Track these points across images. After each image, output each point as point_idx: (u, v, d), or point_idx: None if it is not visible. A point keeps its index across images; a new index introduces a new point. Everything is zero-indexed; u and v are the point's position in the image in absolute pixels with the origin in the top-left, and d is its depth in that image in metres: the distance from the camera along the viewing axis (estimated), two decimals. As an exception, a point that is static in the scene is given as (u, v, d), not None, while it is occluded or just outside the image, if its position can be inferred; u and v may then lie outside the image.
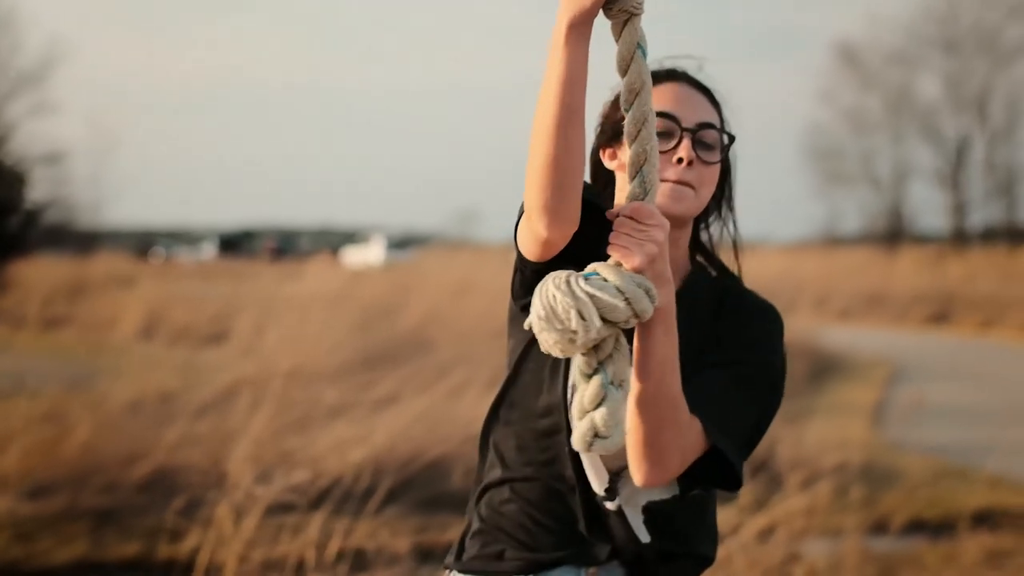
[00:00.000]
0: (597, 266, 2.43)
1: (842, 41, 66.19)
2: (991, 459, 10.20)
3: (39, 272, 31.51)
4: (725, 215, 2.95)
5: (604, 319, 2.37)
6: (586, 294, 2.36)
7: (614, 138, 2.81)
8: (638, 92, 2.47)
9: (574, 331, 2.37)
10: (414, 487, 8.46)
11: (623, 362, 2.45)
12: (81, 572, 7.41)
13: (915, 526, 8.69)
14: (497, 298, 18.14)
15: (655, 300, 2.43)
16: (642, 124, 2.47)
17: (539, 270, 2.55)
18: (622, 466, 2.68)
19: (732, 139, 2.83)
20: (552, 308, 2.38)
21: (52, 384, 11.80)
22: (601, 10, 2.41)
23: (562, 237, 2.48)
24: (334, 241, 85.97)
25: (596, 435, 2.42)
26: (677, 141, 2.73)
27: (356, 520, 7.69)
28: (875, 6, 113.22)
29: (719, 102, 2.85)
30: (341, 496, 7.86)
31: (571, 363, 2.56)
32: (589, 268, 2.43)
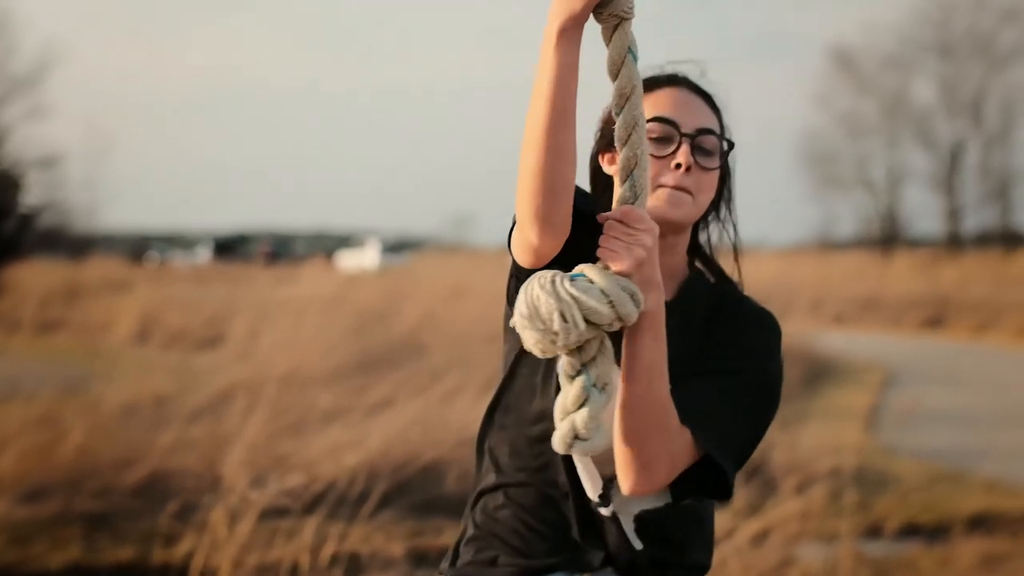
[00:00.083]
0: (584, 268, 2.42)
1: (837, 45, 66.30)
2: (986, 463, 10.22)
3: (34, 276, 31.50)
4: (725, 220, 2.93)
5: (587, 321, 2.37)
6: (570, 296, 2.35)
7: (614, 143, 2.77)
8: (628, 96, 2.46)
9: (555, 332, 2.36)
10: (409, 491, 8.46)
11: (607, 365, 2.44)
12: (75, 576, 7.41)
13: (909, 530, 8.69)
14: (492, 302, 18.15)
15: (640, 305, 2.42)
16: (632, 128, 2.46)
17: None
18: (616, 472, 2.67)
19: (731, 145, 2.82)
20: (535, 308, 2.37)
21: (47, 388, 11.77)
22: (592, 14, 2.41)
23: (554, 245, 2.47)
24: (329, 245, 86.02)
25: (576, 437, 2.41)
26: (676, 146, 2.72)
27: (351, 524, 7.69)
28: (870, 10, 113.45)
29: (720, 108, 2.84)
30: (336, 500, 7.86)
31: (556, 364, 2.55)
32: (576, 269, 2.42)
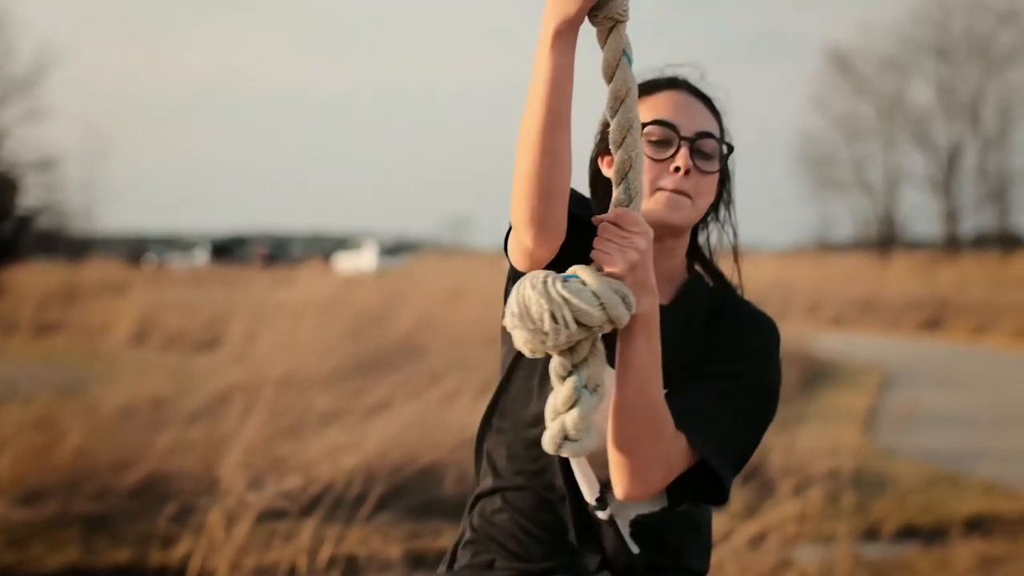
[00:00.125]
0: (577, 269, 2.43)
1: (834, 47, 66.34)
2: (983, 465, 10.23)
3: (32, 278, 31.48)
4: (724, 223, 2.92)
5: (578, 323, 2.37)
6: (561, 296, 2.36)
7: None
8: (623, 99, 2.47)
9: (545, 332, 2.37)
10: (406, 493, 8.45)
11: (599, 367, 2.45)
12: (73, 578, 7.41)
13: (907, 532, 8.69)
14: (489, 304, 18.17)
15: (632, 307, 2.42)
16: (627, 131, 2.47)
17: None
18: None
19: (731, 149, 2.81)
20: (526, 307, 2.38)
21: (44, 390, 11.78)
22: (587, 17, 2.41)
23: (549, 249, 2.47)
24: (326, 247, 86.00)
25: (566, 438, 2.42)
26: (675, 150, 2.71)
27: (348, 526, 7.69)
28: (867, 13, 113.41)
29: (720, 111, 2.83)
30: (333, 502, 7.86)
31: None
32: (570, 270, 2.43)
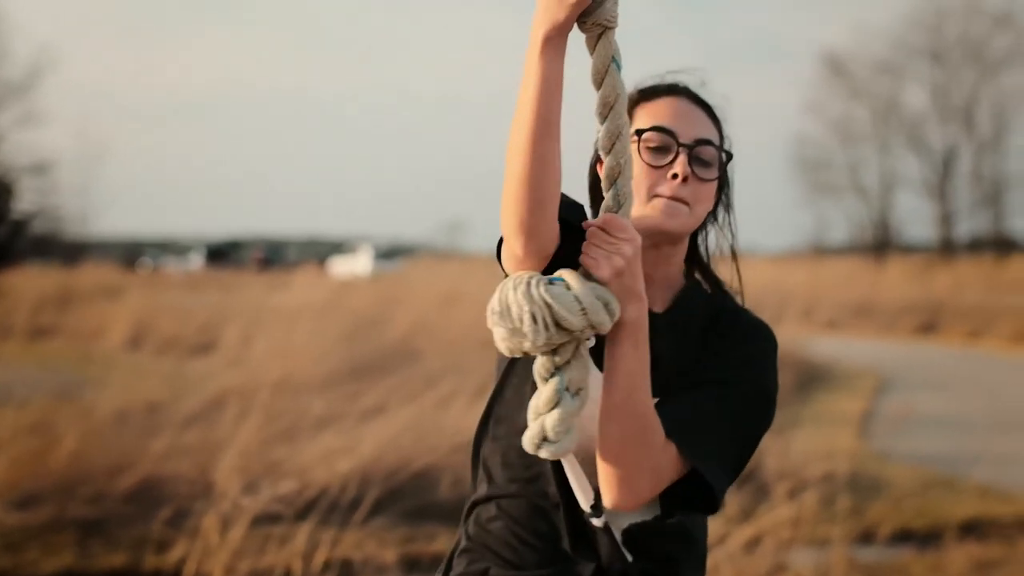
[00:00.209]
0: (564, 272, 2.42)
1: (829, 51, 66.52)
2: (978, 469, 10.25)
3: (27, 282, 31.48)
4: (724, 228, 2.90)
5: (558, 326, 2.37)
6: (543, 299, 2.36)
7: None
8: (612, 105, 2.46)
9: (524, 333, 2.37)
10: (401, 497, 8.46)
11: (582, 371, 2.45)
12: (68, 582, 7.41)
13: (902, 536, 8.69)
14: (485, 308, 18.04)
15: (615, 314, 2.42)
16: (616, 137, 2.46)
17: None
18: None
19: (730, 156, 2.80)
20: (507, 306, 2.38)
21: (39, 394, 11.79)
22: (576, 23, 2.40)
23: (540, 257, 2.46)
24: (322, 251, 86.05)
25: (545, 439, 2.43)
26: (673, 156, 2.70)
27: (343, 530, 7.69)
28: (862, 17, 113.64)
29: (720, 119, 2.82)
30: (328, 506, 7.87)
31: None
32: (556, 273, 2.42)
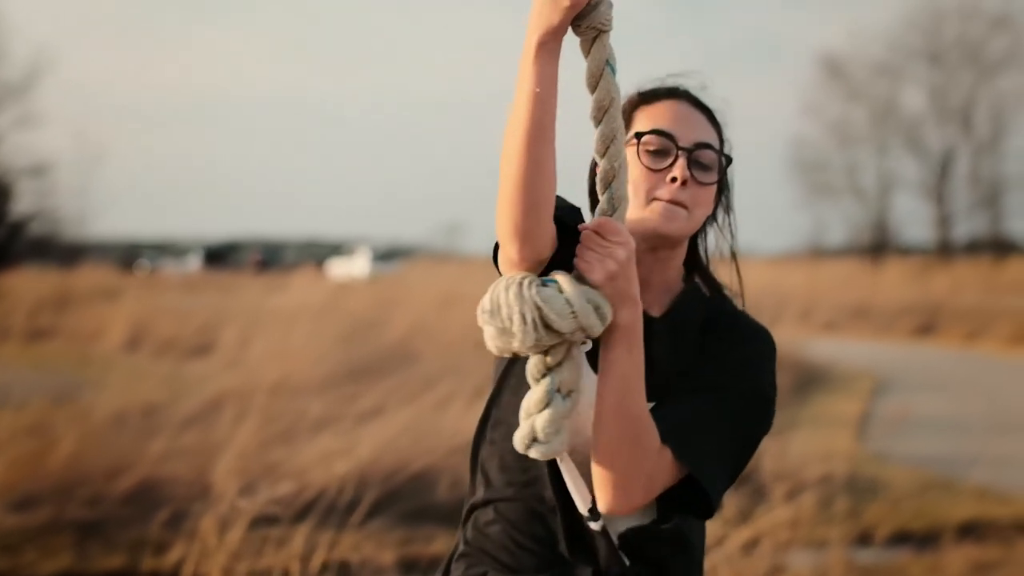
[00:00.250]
0: (557, 275, 2.43)
1: (827, 53, 66.47)
2: (976, 471, 10.24)
3: (24, 284, 31.47)
4: (724, 230, 2.90)
5: (548, 328, 2.38)
6: (534, 300, 2.37)
7: None
8: (607, 108, 2.47)
9: (513, 332, 2.38)
10: (399, 499, 8.45)
11: (573, 373, 2.46)
12: (66, 584, 7.41)
13: (900, 538, 8.69)
14: (483, 310, 18.11)
15: (606, 319, 2.42)
16: (611, 141, 2.47)
17: None
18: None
19: (729, 160, 2.79)
20: (498, 305, 2.39)
21: (37, 396, 11.77)
22: (570, 27, 2.41)
23: (535, 261, 2.46)
24: (319, 253, 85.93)
25: (535, 439, 2.45)
26: (673, 160, 2.69)
27: (341, 532, 7.69)
28: (860, 18, 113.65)
29: (720, 123, 2.81)
30: (326, 508, 7.86)
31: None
32: (551, 275, 2.43)
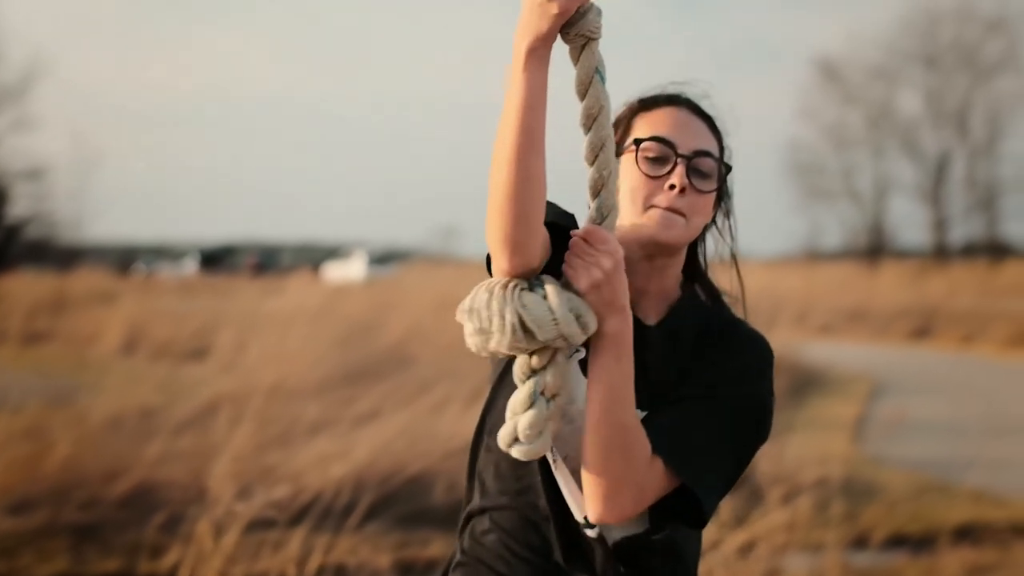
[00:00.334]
0: (546, 279, 2.43)
1: (823, 56, 66.60)
2: (972, 474, 10.24)
3: (21, 287, 31.45)
4: (724, 234, 2.88)
5: (526, 332, 2.38)
6: (516, 303, 2.37)
7: None
8: (596, 116, 2.46)
9: (490, 332, 2.39)
10: (395, 502, 8.45)
11: (558, 378, 2.46)
12: (61, 588, 7.41)
13: (896, 541, 8.69)
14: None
15: (587, 328, 2.42)
16: (600, 149, 2.46)
17: None
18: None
19: (729, 169, 2.78)
20: (480, 303, 2.40)
21: (33, 399, 11.76)
22: (559, 34, 2.39)
23: (527, 271, 2.44)
24: (316, 257, 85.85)
25: (516, 439, 2.46)
26: (671, 167, 2.67)
27: (337, 536, 7.69)
28: (855, 22, 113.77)
29: (721, 131, 2.79)
30: (322, 512, 7.86)
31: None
32: (541, 278, 2.44)
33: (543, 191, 2.40)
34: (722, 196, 2.83)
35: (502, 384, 2.78)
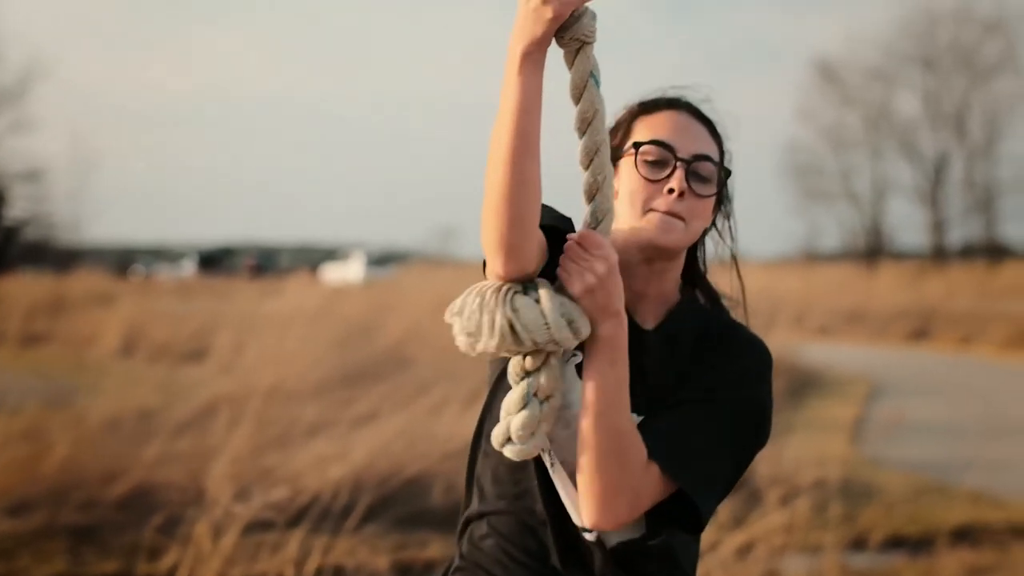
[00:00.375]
0: (541, 283, 2.43)
1: (821, 58, 66.64)
2: (970, 475, 10.25)
3: (19, 289, 31.43)
4: (724, 237, 2.87)
5: (516, 335, 2.39)
6: (509, 306, 2.38)
7: (611, 163, 2.71)
8: (591, 121, 2.45)
9: (475, 333, 2.40)
10: (393, 504, 8.45)
11: (551, 380, 2.47)
12: (60, 590, 7.40)
13: (894, 542, 8.70)
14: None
15: (579, 332, 2.42)
16: (594, 153, 2.46)
17: None
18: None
19: (728, 174, 2.77)
20: (473, 303, 2.41)
21: (32, 401, 11.76)
22: (554, 38, 2.39)
23: (522, 276, 2.44)
24: (314, 258, 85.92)
25: (509, 439, 2.48)
26: (671, 171, 2.66)
27: (335, 537, 7.69)
28: (854, 23, 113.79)
29: (721, 136, 2.78)
30: (320, 513, 7.86)
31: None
32: (535, 282, 2.44)
33: (538, 195, 2.40)
34: (722, 200, 2.82)
35: (498, 388, 2.77)
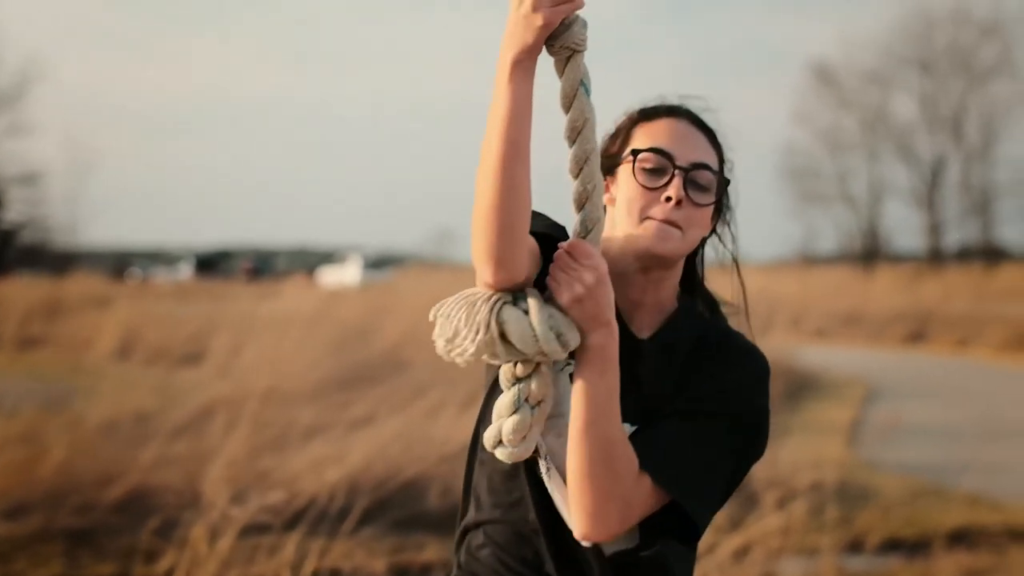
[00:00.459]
0: (531, 293, 2.43)
1: (818, 61, 66.72)
2: (967, 478, 10.25)
3: (15, 292, 31.39)
4: (725, 240, 2.86)
5: (506, 343, 2.39)
6: (495, 316, 2.38)
7: (608, 172, 2.74)
8: (580, 129, 2.45)
9: (456, 338, 2.41)
10: (390, 507, 8.45)
11: (541, 386, 2.47)
12: (56, 593, 7.40)
13: (891, 545, 8.70)
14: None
15: (567, 344, 2.41)
16: (584, 162, 2.45)
17: None
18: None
19: (727, 183, 2.76)
20: (462, 307, 2.41)
21: (28, 404, 11.77)
22: (544, 46, 2.39)
23: (512, 285, 2.43)
24: (311, 261, 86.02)
25: (500, 442, 2.49)
26: (668, 179, 2.65)
27: (332, 540, 7.69)
28: (851, 26, 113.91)
29: (721, 144, 2.77)
30: (316, 516, 7.86)
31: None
32: (525, 292, 2.44)
33: (528, 202, 2.39)
34: (721, 208, 2.81)
35: (493, 394, 2.75)
